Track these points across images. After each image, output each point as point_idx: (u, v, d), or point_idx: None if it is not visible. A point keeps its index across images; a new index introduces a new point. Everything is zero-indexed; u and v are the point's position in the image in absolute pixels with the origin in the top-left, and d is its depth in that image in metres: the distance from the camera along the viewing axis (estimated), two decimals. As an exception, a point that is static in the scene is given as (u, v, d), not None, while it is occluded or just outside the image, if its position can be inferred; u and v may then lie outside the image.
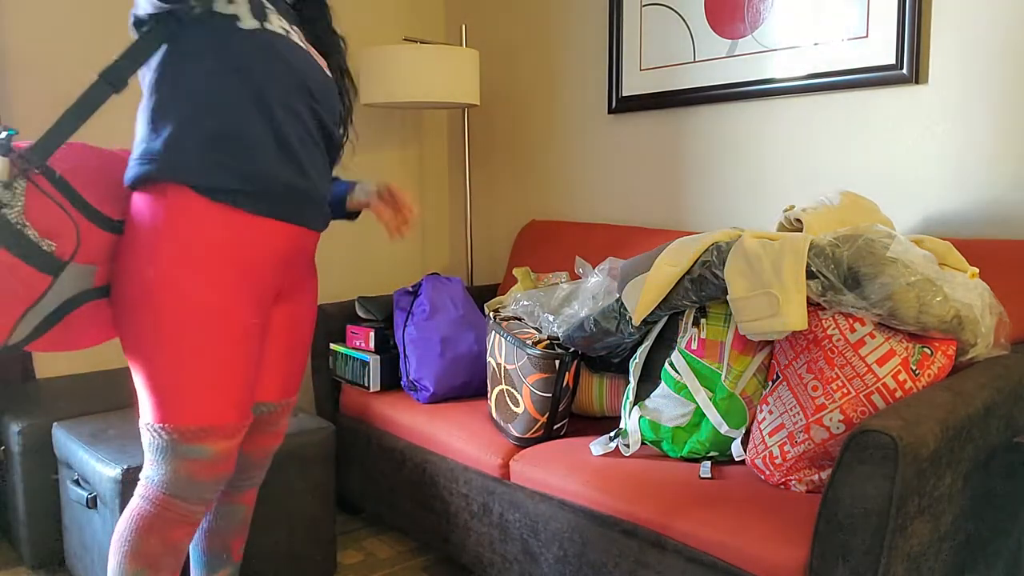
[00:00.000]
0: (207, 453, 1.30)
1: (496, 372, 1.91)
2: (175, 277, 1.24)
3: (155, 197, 1.26)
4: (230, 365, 1.29)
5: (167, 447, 1.29)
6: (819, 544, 1.25)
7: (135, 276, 1.26)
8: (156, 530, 1.32)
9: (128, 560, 1.32)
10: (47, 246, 1.21)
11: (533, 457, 1.77)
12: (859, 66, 2.03)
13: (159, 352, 1.26)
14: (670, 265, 1.62)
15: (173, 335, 1.25)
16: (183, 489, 1.32)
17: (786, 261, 1.47)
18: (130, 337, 1.29)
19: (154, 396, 1.28)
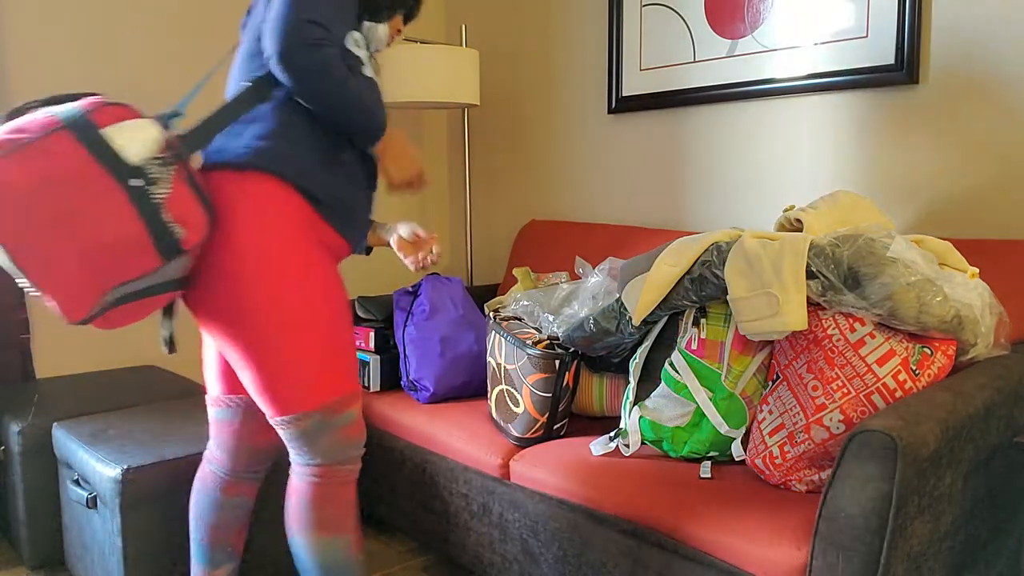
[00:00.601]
0: (352, 417, 1.42)
1: (496, 372, 1.91)
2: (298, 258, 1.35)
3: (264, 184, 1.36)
4: (348, 333, 1.42)
5: (319, 426, 1.38)
6: (819, 544, 1.25)
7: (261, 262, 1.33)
8: (331, 499, 1.43)
9: (316, 531, 1.42)
10: (177, 231, 1.24)
11: (533, 457, 1.77)
12: (859, 66, 2.03)
13: (294, 334, 1.34)
14: (670, 265, 1.62)
15: (305, 313, 1.35)
16: (340, 454, 1.42)
17: (786, 261, 1.47)
18: (243, 333, 1.34)
19: (286, 388, 1.35)
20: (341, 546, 1.44)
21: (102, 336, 2.55)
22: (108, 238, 1.19)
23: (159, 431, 1.93)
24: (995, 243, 1.75)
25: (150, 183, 1.21)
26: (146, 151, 1.22)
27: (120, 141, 1.20)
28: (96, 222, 1.18)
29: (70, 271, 1.18)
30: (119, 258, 1.20)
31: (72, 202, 1.16)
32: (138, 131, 1.22)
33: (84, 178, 1.17)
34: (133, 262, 1.22)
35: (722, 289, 1.55)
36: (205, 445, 1.84)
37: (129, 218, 1.19)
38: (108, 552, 1.79)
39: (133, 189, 1.20)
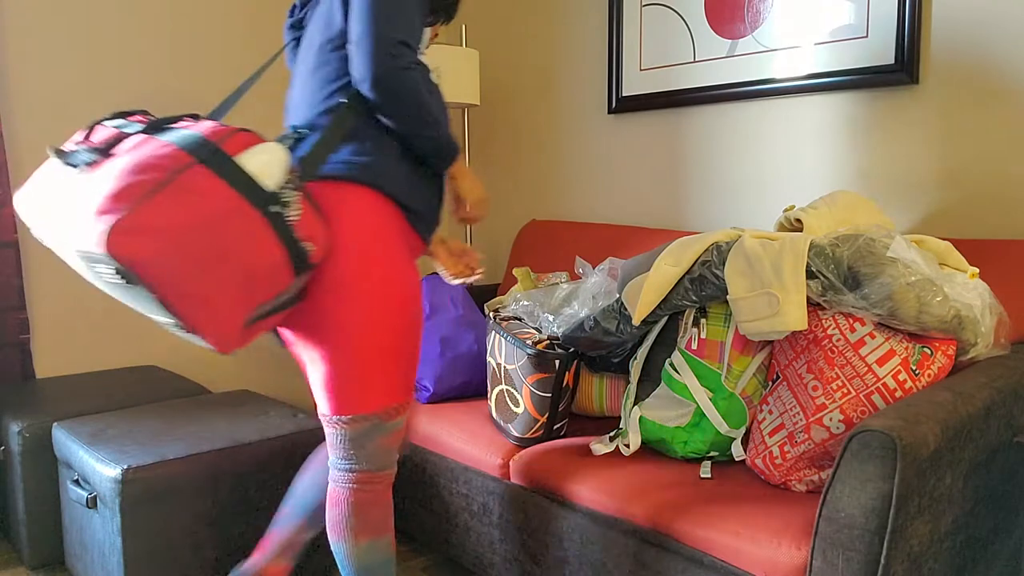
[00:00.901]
0: (400, 424, 1.46)
1: (496, 372, 1.91)
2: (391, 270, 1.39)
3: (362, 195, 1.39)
4: (418, 342, 1.46)
5: (372, 430, 1.42)
6: (819, 544, 1.25)
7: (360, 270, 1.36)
8: (374, 503, 1.46)
9: (360, 537, 1.46)
10: (308, 248, 1.27)
11: (533, 457, 1.77)
12: (859, 66, 2.03)
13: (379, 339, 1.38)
14: (670, 265, 1.62)
15: (394, 321, 1.39)
16: (382, 460, 1.46)
17: (786, 261, 1.47)
18: (341, 335, 1.37)
19: (361, 389, 1.39)
20: (384, 547, 1.49)
21: (102, 336, 2.55)
22: (259, 269, 1.21)
23: (159, 431, 1.93)
24: (995, 243, 1.75)
25: (284, 207, 1.23)
26: (280, 176, 1.23)
27: (252, 168, 1.20)
28: (248, 255, 1.19)
29: (225, 307, 1.18)
30: (264, 283, 1.23)
31: (224, 240, 1.16)
32: (269, 156, 1.22)
33: (230, 213, 1.16)
34: (273, 284, 1.24)
35: (722, 289, 1.55)
36: (205, 445, 1.84)
37: (273, 244, 1.22)
38: (108, 552, 1.79)
39: (272, 215, 1.21)
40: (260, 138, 1.25)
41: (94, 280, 1.17)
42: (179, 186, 1.12)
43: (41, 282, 2.44)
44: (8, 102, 2.34)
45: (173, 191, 1.12)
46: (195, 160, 1.15)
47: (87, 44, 2.46)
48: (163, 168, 1.13)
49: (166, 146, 1.16)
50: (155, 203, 1.10)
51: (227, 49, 2.74)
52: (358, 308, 1.36)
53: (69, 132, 2.45)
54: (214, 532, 1.84)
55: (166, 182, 1.12)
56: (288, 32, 1.67)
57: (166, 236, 1.10)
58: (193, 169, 1.15)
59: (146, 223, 1.09)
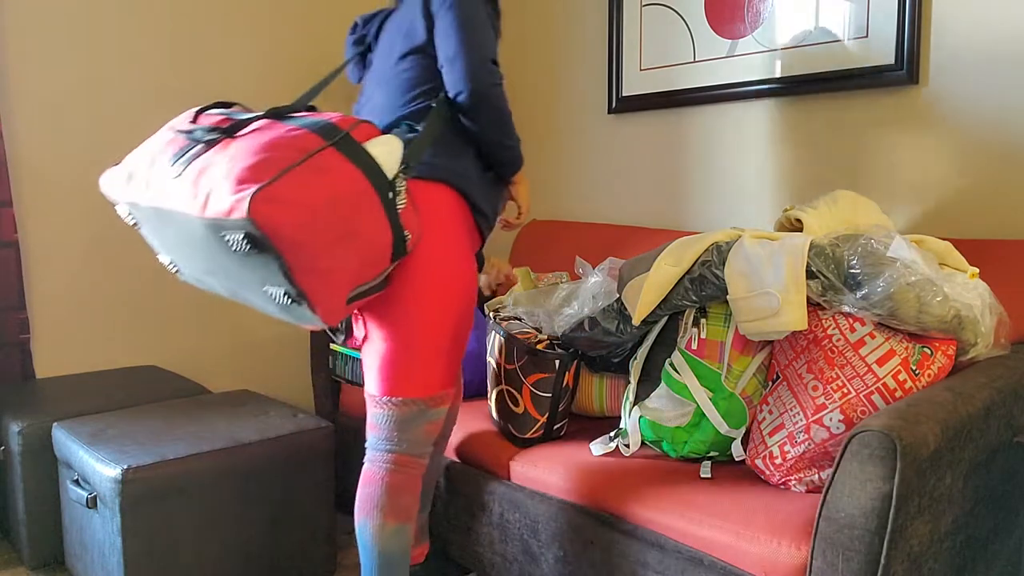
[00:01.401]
0: (442, 413, 1.54)
1: (496, 372, 1.91)
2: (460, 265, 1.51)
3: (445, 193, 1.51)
4: (468, 333, 1.56)
5: (415, 415, 1.50)
6: (819, 544, 1.25)
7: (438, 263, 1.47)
8: (406, 487, 1.53)
9: (389, 519, 1.52)
10: (407, 237, 1.37)
11: (533, 457, 1.77)
12: (859, 66, 2.03)
13: (435, 327, 1.47)
14: (670, 265, 1.62)
15: (453, 311, 1.49)
16: (419, 447, 1.54)
17: (786, 261, 1.47)
18: (406, 320, 1.46)
19: (413, 372, 1.48)
20: (406, 534, 1.54)
21: (102, 336, 2.55)
22: (374, 248, 1.31)
23: (159, 431, 1.93)
24: (995, 243, 1.75)
25: (396, 195, 1.33)
26: (397, 166, 1.33)
27: (377, 156, 1.30)
28: (370, 235, 1.29)
29: (342, 281, 1.27)
30: (372, 264, 1.33)
31: (352, 218, 1.24)
32: (390, 147, 1.32)
33: (358, 194, 1.26)
34: (377, 266, 1.34)
35: (722, 289, 1.55)
36: (205, 445, 1.84)
37: (386, 228, 1.32)
38: (108, 552, 1.79)
39: (388, 202, 1.31)
40: (380, 131, 1.35)
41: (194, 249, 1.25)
42: (314, 165, 1.20)
43: (41, 282, 2.44)
44: (8, 102, 2.34)
45: (309, 169, 1.19)
46: (327, 143, 1.24)
47: (87, 44, 2.46)
48: (297, 148, 1.21)
49: (296, 130, 1.24)
50: (293, 178, 1.17)
51: (227, 49, 2.74)
52: (426, 297, 1.46)
53: (69, 132, 2.45)
54: (214, 532, 1.84)
55: (302, 160, 1.19)
56: (352, 48, 1.78)
57: (303, 209, 1.17)
58: (327, 151, 1.23)
59: (285, 195, 1.15)
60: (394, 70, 1.60)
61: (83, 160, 2.48)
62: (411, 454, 1.53)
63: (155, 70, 2.60)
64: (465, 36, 1.48)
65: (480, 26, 1.50)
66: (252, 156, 1.18)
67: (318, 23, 2.94)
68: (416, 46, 1.57)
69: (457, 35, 1.48)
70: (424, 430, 1.53)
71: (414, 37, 1.57)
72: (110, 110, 2.52)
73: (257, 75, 2.81)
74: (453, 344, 1.52)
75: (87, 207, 2.49)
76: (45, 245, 2.44)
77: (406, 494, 1.53)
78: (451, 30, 1.49)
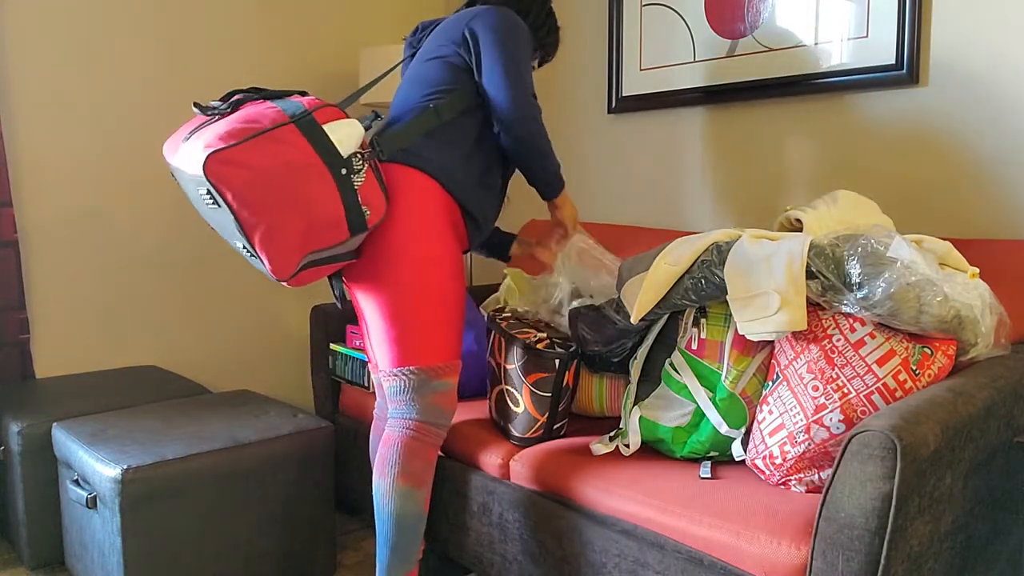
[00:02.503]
0: (449, 386, 1.68)
1: (496, 372, 1.91)
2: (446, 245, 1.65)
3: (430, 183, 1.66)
4: (459, 313, 1.67)
5: (420, 385, 1.64)
6: (819, 544, 1.25)
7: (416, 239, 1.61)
8: (418, 452, 1.65)
9: (400, 479, 1.65)
10: (365, 212, 1.53)
11: (533, 457, 1.77)
12: (859, 66, 2.03)
13: (419, 300, 1.61)
14: (670, 264, 1.62)
15: (435, 285, 1.62)
16: (434, 416, 1.67)
17: (785, 261, 1.47)
18: (395, 289, 1.61)
19: (407, 345, 1.62)
20: (417, 499, 1.66)
21: (102, 336, 2.55)
22: (321, 216, 1.47)
23: (159, 431, 1.93)
24: (995, 243, 1.75)
25: (352, 172, 1.50)
26: (353, 146, 1.51)
27: (335, 136, 1.48)
28: (315, 202, 1.46)
29: (290, 240, 1.45)
30: (322, 231, 1.49)
31: (299, 185, 1.43)
32: (348, 129, 1.50)
33: (309, 167, 1.45)
34: (330, 235, 1.50)
35: (722, 289, 1.55)
36: (205, 445, 1.85)
37: (335, 200, 1.48)
38: (108, 552, 1.79)
39: (341, 177, 1.49)
40: (345, 115, 1.53)
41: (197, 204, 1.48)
42: (272, 136, 1.42)
43: (41, 282, 2.44)
44: (8, 102, 2.34)
45: (267, 139, 1.41)
46: (290, 120, 1.45)
47: (87, 44, 2.46)
48: (264, 121, 1.43)
49: (273, 107, 1.47)
50: (250, 145, 1.40)
51: (227, 49, 2.74)
52: (403, 274, 1.61)
53: (69, 132, 2.45)
54: (214, 532, 1.84)
55: (262, 132, 1.41)
56: (407, 48, 1.98)
57: (252, 171, 1.39)
58: (287, 127, 1.44)
59: (238, 158, 1.38)
60: (421, 70, 1.75)
61: (83, 160, 2.48)
62: (424, 421, 1.65)
63: (155, 70, 2.60)
64: (511, 69, 1.66)
65: (523, 56, 1.69)
66: (227, 126, 1.41)
67: (318, 22, 2.94)
68: (443, 54, 1.73)
69: (503, 65, 1.66)
70: (433, 400, 1.65)
71: (444, 47, 1.74)
72: (110, 110, 2.52)
73: (258, 75, 2.81)
74: (437, 320, 1.63)
75: (87, 207, 2.49)
76: (45, 245, 2.44)
77: (417, 459, 1.64)
78: (497, 59, 1.66)
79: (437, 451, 1.69)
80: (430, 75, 1.73)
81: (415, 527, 1.67)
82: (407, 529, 1.66)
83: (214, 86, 2.72)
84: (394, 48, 2.65)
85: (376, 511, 1.67)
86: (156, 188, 2.61)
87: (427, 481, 1.67)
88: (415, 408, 1.65)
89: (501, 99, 1.66)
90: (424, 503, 1.68)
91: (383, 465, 1.66)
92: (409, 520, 1.66)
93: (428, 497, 1.69)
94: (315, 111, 1.48)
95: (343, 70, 2.99)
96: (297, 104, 1.49)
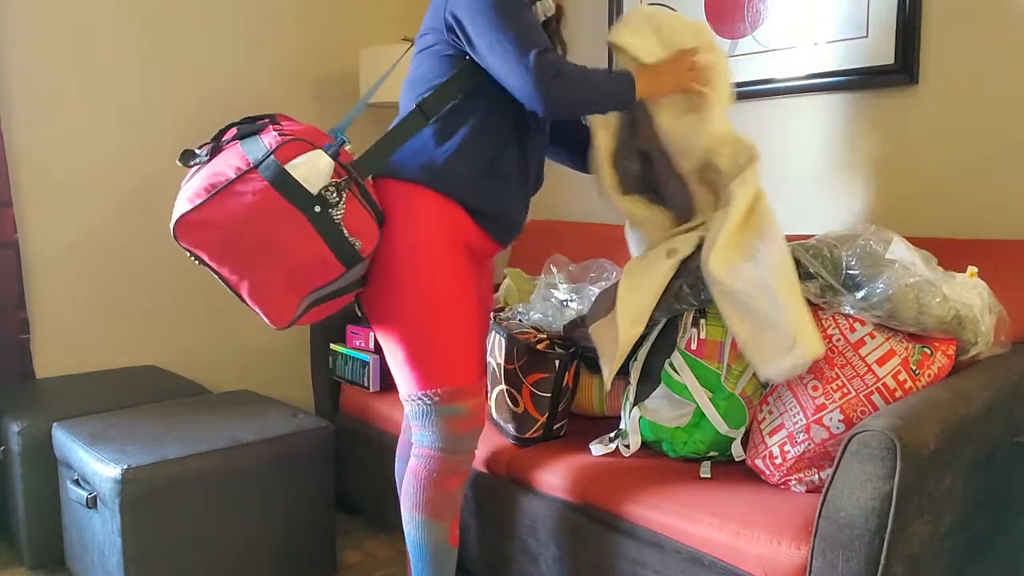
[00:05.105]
0: (461, 411, 1.55)
1: (496, 372, 1.91)
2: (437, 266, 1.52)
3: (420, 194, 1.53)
4: (465, 333, 1.55)
5: (429, 411, 1.55)
6: (819, 544, 1.25)
7: (401, 261, 1.51)
8: (433, 482, 1.57)
9: (416, 510, 1.59)
10: (355, 244, 1.42)
11: (533, 457, 1.77)
12: (859, 66, 2.03)
13: (414, 325, 1.51)
14: (632, 326, 1.64)
15: (429, 312, 1.51)
16: (450, 444, 1.56)
17: (777, 283, 1.46)
18: (390, 315, 1.53)
19: (414, 369, 1.53)
20: (437, 530, 1.59)
21: (102, 336, 2.55)
22: (302, 260, 1.39)
23: (159, 431, 1.93)
24: (995, 243, 1.75)
25: (329, 207, 1.39)
26: (322, 180, 1.39)
27: (299, 174, 1.38)
28: (290, 247, 1.38)
29: (275, 288, 1.40)
30: (308, 273, 1.41)
31: (270, 233, 1.37)
32: (310, 164, 1.39)
33: (275, 212, 1.36)
34: (320, 275, 1.42)
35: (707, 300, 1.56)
36: (205, 445, 1.84)
37: (315, 240, 1.39)
38: (108, 552, 1.79)
39: (315, 215, 1.38)
40: (311, 146, 1.41)
41: None
42: (233, 190, 1.36)
43: (41, 282, 2.44)
44: (8, 102, 2.34)
45: (230, 193, 1.36)
46: (253, 166, 1.37)
47: (87, 44, 2.46)
48: (228, 173, 1.37)
49: (239, 155, 1.39)
50: (215, 201, 1.35)
51: (228, 50, 2.74)
52: (402, 298, 1.52)
53: (69, 132, 2.45)
54: (214, 532, 1.84)
55: (227, 184, 1.36)
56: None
57: (221, 229, 1.35)
58: (250, 174, 1.36)
59: (206, 218, 1.35)
60: (413, 66, 1.62)
61: (83, 160, 2.48)
62: (439, 449, 1.56)
63: (156, 70, 2.60)
64: (507, 47, 1.43)
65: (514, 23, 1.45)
66: (199, 182, 1.38)
67: (318, 22, 2.94)
68: (431, 44, 1.57)
69: (500, 48, 1.44)
70: (446, 426, 1.55)
71: (431, 37, 1.57)
72: (110, 110, 2.52)
73: (258, 75, 2.81)
74: (447, 337, 1.52)
75: (87, 207, 2.49)
76: (45, 245, 2.43)
77: (433, 490, 1.57)
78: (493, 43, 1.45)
79: (459, 480, 1.60)
80: (421, 71, 1.59)
81: (439, 558, 1.61)
82: (431, 560, 1.61)
83: (214, 86, 2.72)
84: (394, 48, 2.64)
85: (406, 537, 1.64)
86: (156, 188, 2.61)
87: (448, 512, 1.60)
88: (429, 435, 1.57)
89: (512, 86, 1.46)
90: (447, 534, 1.61)
91: (404, 494, 1.62)
92: (431, 550, 1.60)
93: (453, 528, 1.62)
94: (277, 150, 1.38)
95: (343, 70, 2.99)
96: (261, 146, 1.39)
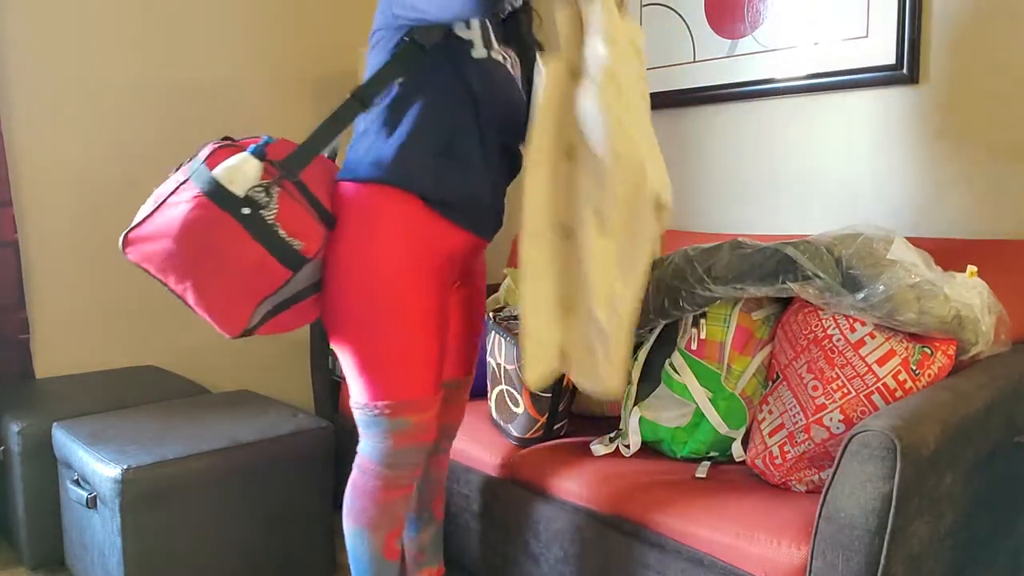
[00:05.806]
0: (407, 424, 1.47)
1: (496, 372, 1.91)
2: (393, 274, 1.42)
3: (375, 194, 1.43)
4: (421, 344, 1.45)
5: (374, 421, 1.47)
6: (819, 544, 1.25)
7: (352, 266, 1.42)
8: (369, 494, 1.51)
9: (350, 521, 1.53)
10: (296, 244, 1.37)
11: (533, 457, 1.77)
12: (859, 66, 2.03)
13: (364, 334, 1.43)
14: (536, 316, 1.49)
15: (383, 321, 1.42)
16: (388, 457, 1.48)
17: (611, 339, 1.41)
18: (339, 322, 1.46)
19: (362, 378, 1.45)
20: (368, 540, 1.52)
21: (102, 336, 2.55)
22: (239, 264, 1.35)
23: (159, 431, 1.93)
24: (995, 243, 1.75)
25: (259, 208, 1.35)
26: (249, 181, 1.35)
27: (225, 177, 1.35)
28: (224, 252, 1.34)
29: (219, 296, 1.36)
30: (251, 278, 1.36)
31: (205, 240, 1.34)
32: (234, 167, 1.36)
33: (207, 219, 1.33)
34: (266, 278, 1.37)
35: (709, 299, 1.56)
36: (205, 445, 1.84)
37: (250, 244, 1.34)
38: (108, 552, 1.79)
39: (244, 217, 1.34)
40: (237, 149, 1.38)
41: None
42: (170, 202, 1.36)
43: (41, 282, 2.44)
44: (8, 102, 2.34)
45: (167, 205, 1.35)
46: (187, 178, 1.36)
47: (87, 44, 2.46)
48: (169, 187, 1.38)
49: (184, 169, 1.39)
50: (155, 216, 1.36)
51: (227, 50, 2.74)
52: (345, 304, 1.44)
53: (69, 132, 2.45)
54: (214, 532, 1.84)
55: (166, 198, 1.36)
56: None
57: (158, 240, 1.34)
58: (184, 185, 1.35)
59: (147, 233, 1.35)
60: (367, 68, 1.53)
61: (83, 160, 2.48)
62: (376, 461, 1.49)
63: (155, 70, 2.60)
64: None
65: None
66: (148, 201, 1.39)
67: (317, 22, 2.94)
68: (376, 43, 1.49)
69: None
70: (386, 439, 1.47)
71: (377, 34, 1.50)
72: (110, 110, 2.52)
73: (258, 75, 2.81)
74: (396, 345, 1.43)
75: (87, 207, 2.49)
76: (45, 245, 2.43)
77: (362, 498, 1.50)
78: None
79: (400, 493, 1.51)
80: (370, 68, 1.50)
81: (374, 570, 1.53)
82: (365, 570, 1.53)
83: (214, 86, 2.72)
84: (394, 48, 2.64)
85: None
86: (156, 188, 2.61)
87: (384, 525, 1.51)
88: (371, 446, 1.49)
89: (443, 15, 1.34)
90: (383, 546, 1.53)
91: (344, 506, 1.56)
92: (365, 561, 1.53)
93: (389, 540, 1.53)
94: (208, 158, 1.36)
95: (343, 70, 2.99)
96: (198, 161, 1.37)
